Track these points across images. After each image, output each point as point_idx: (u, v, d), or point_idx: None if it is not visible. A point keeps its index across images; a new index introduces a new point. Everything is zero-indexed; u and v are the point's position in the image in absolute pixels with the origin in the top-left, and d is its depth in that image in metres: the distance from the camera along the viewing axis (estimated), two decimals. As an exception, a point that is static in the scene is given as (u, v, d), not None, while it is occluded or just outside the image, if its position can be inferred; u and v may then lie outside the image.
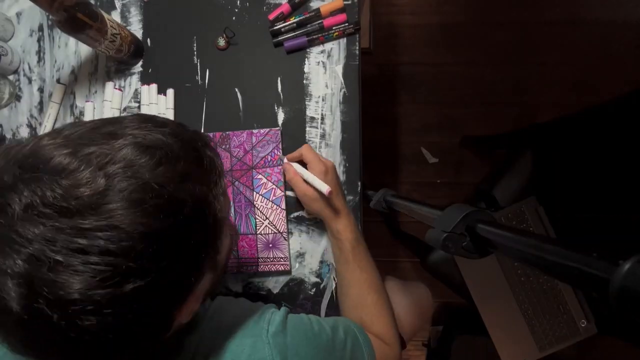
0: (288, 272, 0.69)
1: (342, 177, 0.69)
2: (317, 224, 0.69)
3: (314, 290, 0.69)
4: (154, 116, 0.36)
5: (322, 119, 0.70)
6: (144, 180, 0.30)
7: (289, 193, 0.69)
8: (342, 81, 0.70)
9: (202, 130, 0.71)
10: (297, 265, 0.69)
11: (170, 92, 0.72)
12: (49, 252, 0.27)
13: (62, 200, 0.28)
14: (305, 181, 0.62)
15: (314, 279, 0.69)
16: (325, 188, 0.58)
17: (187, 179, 0.33)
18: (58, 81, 0.74)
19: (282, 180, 0.69)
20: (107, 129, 0.32)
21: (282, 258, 0.68)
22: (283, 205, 0.68)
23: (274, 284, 0.70)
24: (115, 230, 0.28)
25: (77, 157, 0.29)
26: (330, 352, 0.48)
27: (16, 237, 0.27)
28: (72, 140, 0.30)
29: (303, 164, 0.64)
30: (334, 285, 0.68)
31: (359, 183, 0.69)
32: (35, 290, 0.27)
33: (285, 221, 0.68)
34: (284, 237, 0.68)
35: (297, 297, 0.69)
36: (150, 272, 0.30)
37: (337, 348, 0.49)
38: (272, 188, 0.68)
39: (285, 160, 0.66)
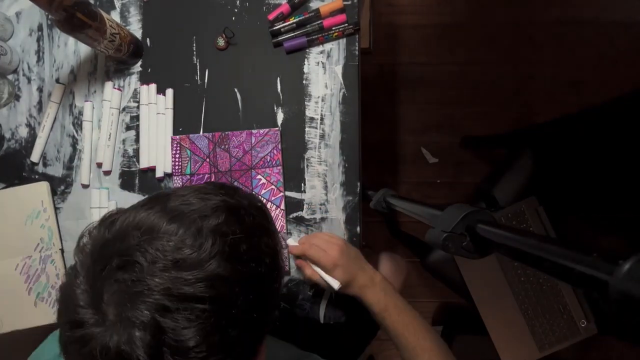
0: (287, 273, 0.69)
1: (341, 178, 0.69)
2: (316, 224, 0.69)
3: (312, 290, 0.69)
4: (224, 183, 0.40)
5: (322, 119, 0.70)
6: (236, 236, 0.35)
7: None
8: (342, 82, 0.70)
9: (202, 131, 0.71)
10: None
11: (170, 92, 0.72)
12: (167, 301, 0.30)
13: (176, 253, 0.32)
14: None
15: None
16: (336, 285, 0.59)
17: (264, 233, 0.38)
18: (57, 81, 0.74)
19: (281, 180, 0.69)
20: (197, 196, 0.37)
21: (281, 258, 0.68)
22: (282, 206, 0.68)
23: (274, 284, 0.69)
24: (220, 280, 0.32)
25: (180, 222, 0.34)
26: None
27: (144, 289, 0.30)
28: (170, 209, 0.35)
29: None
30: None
31: (358, 184, 0.69)
32: (160, 338, 0.30)
33: (284, 221, 0.68)
34: (282, 238, 0.68)
35: (296, 297, 0.69)
36: (249, 319, 0.34)
37: None
38: (272, 188, 0.68)
39: (289, 246, 0.65)
